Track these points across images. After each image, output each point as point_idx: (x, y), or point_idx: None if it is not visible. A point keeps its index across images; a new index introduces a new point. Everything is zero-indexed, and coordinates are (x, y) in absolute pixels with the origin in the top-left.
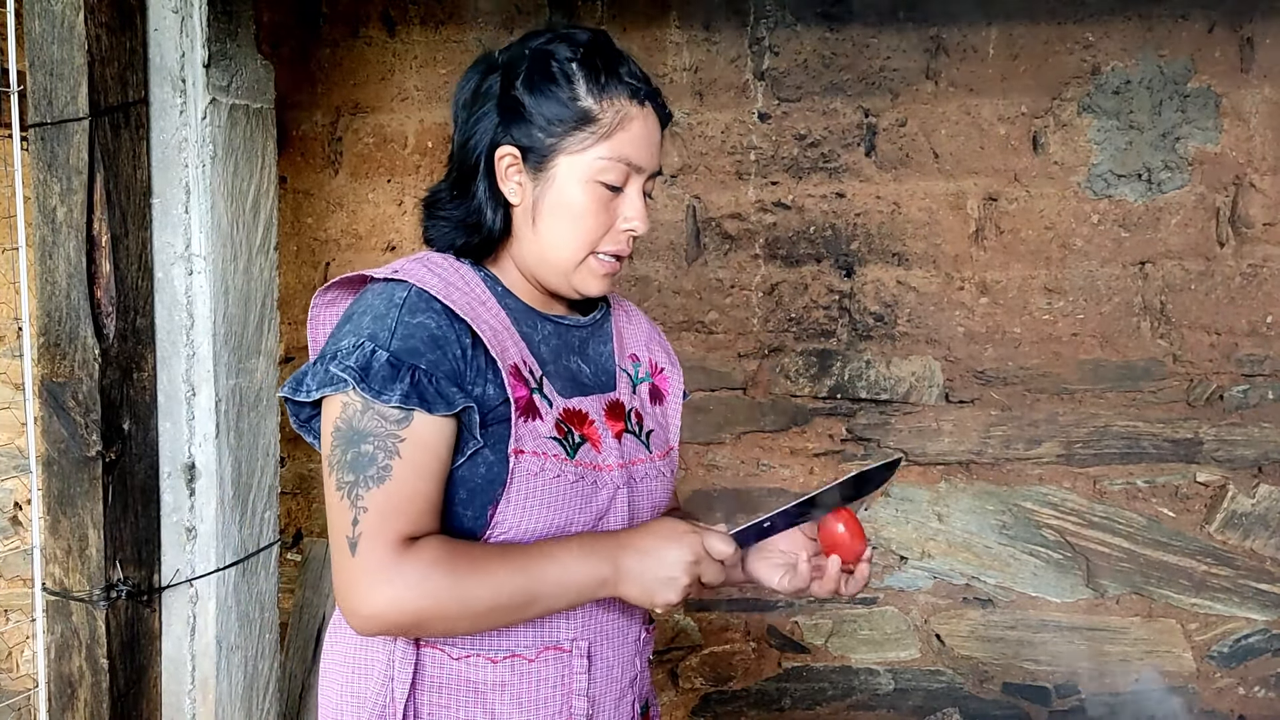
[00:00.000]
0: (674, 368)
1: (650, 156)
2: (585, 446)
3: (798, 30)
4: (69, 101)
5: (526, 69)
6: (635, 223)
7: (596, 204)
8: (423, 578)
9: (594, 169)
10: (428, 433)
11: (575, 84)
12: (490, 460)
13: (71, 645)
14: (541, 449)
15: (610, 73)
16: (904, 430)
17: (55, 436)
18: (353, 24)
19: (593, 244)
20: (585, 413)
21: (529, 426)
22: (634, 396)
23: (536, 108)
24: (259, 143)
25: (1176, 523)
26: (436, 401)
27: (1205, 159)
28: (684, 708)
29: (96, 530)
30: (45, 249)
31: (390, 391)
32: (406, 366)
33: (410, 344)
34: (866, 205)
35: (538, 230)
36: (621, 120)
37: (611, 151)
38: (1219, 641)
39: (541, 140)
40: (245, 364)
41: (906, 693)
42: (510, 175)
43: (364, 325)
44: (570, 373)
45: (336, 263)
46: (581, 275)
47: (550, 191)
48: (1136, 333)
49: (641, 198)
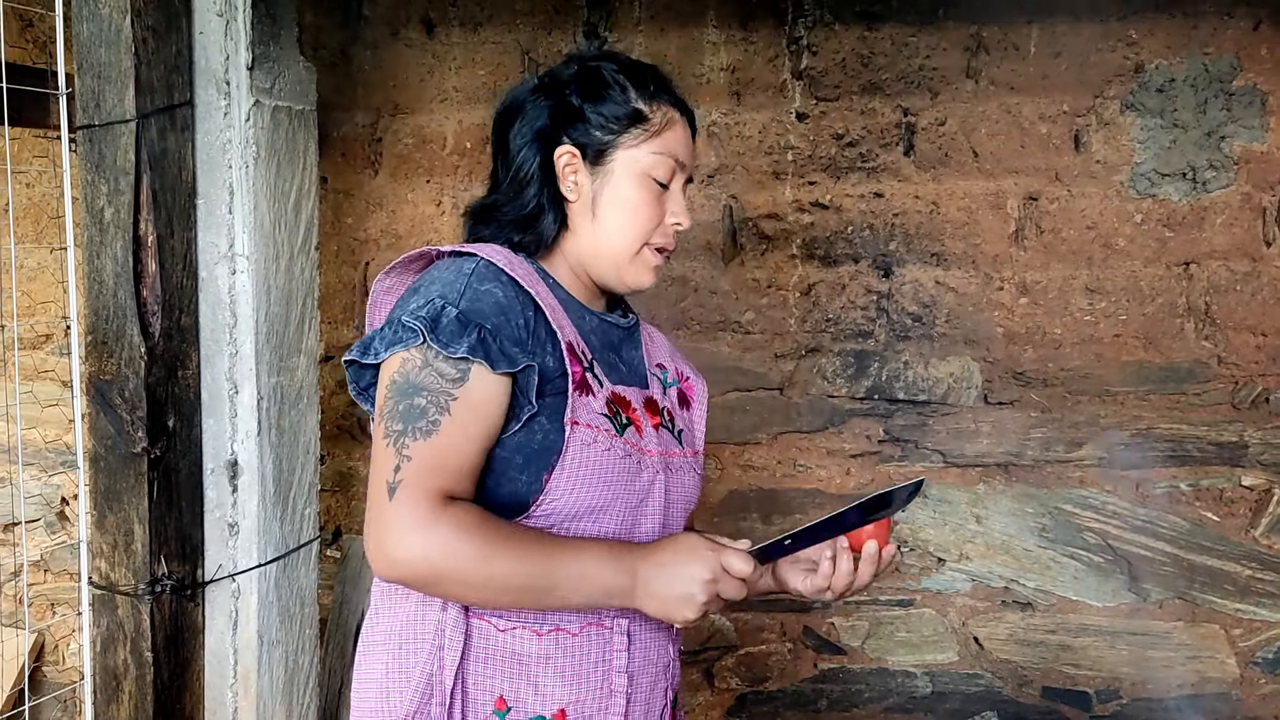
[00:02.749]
0: (698, 379)
1: (689, 157)
2: (631, 428)
3: (836, 29)
4: (116, 104)
5: (579, 81)
6: (681, 217)
7: (650, 198)
8: (454, 536)
9: (647, 163)
10: (482, 393)
11: (628, 90)
12: (547, 428)
13: (116, 639)
14: (595, 422)
15: (656, 83)
16: (942, 431)
17: (102, 433)
18: (393, 26)
19: (647, 235)
20: (629, 399)
21: (583, 400)
22: (665, 396)
23: (594, 110)
24: (301, 144)
25: (1221, 527)
26: (499, 359)
27: (1251, 158)
28: (719, 708)
29: (141, 525)
30: (93, 249)
31: (457, 344)
32: (474, 324)
33: (478, 305)
34: (905, 205)
35: (597, 222)
36: (668, 122)
37: (662, 147)
38: (1263, 647)
39: (599, 138)
40: (286, 362)
41: (944, 696)
42: (568, 173)
43: (434, 290)
44: (612, 364)
45: (376, 262)
46: (635, 267)
47: (609, 185)
48: (1180, 334)
49: (684, 196)
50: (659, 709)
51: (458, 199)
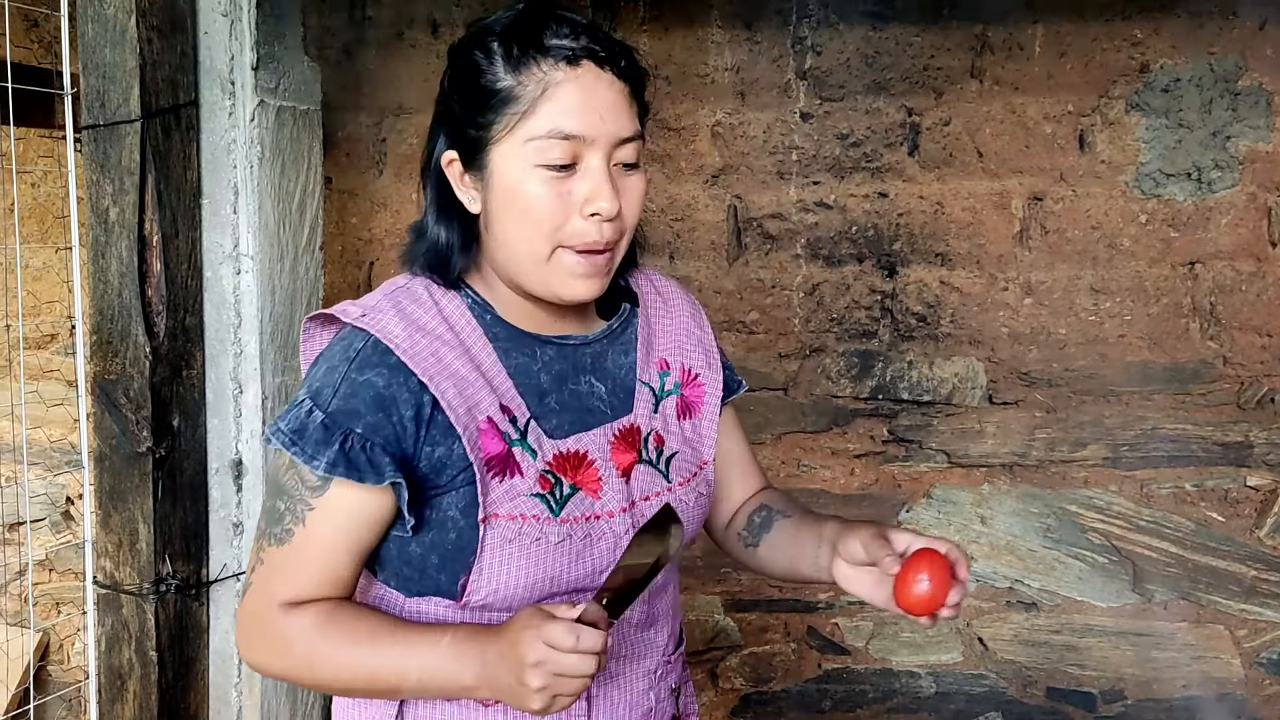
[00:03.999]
0: (711, 370)
1: (598, 121)
2: (578, 496)
3: (840, 29)
4: (121, 104)
5: (451, 66)
6: (599, 203)
7: (544, 189)
8: (286, 649)
9: (528, 151)
10: (344, 504)
11: (493, 64)
12: (460, 525)
13: (121, 638)
14: (520, 509)
15: (529, 42)
16: (946, 432)
17: (107, 433)
18: (397, 26)
19: (552, 235)
20: (584, 453)
21: (505, 486)
22: (655, 416)
23: (460, 102)
24: (305, 144)
25: (1226, 527)
26: (366, 470)
27: (1256, 157)
28: (723, 708)
29: (146, 525)
30: (98, 249)
31: (319, 457)
32: (340, 430)
33: (350, 404)
34: (909, 205)
35: (495, 235)
36: (545, 89)
37: (540, 127)
38: (1268, 648)
39: (473, 136)
40: (290, 362)
41: (948, 696)
42: (461, 182)
43: (317, 376)
44: (577, 400)
45: (380, 262)
46: (558, 276)
47: (494, 189)
48: (1186, 334)
49: (604, 172)
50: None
51: None
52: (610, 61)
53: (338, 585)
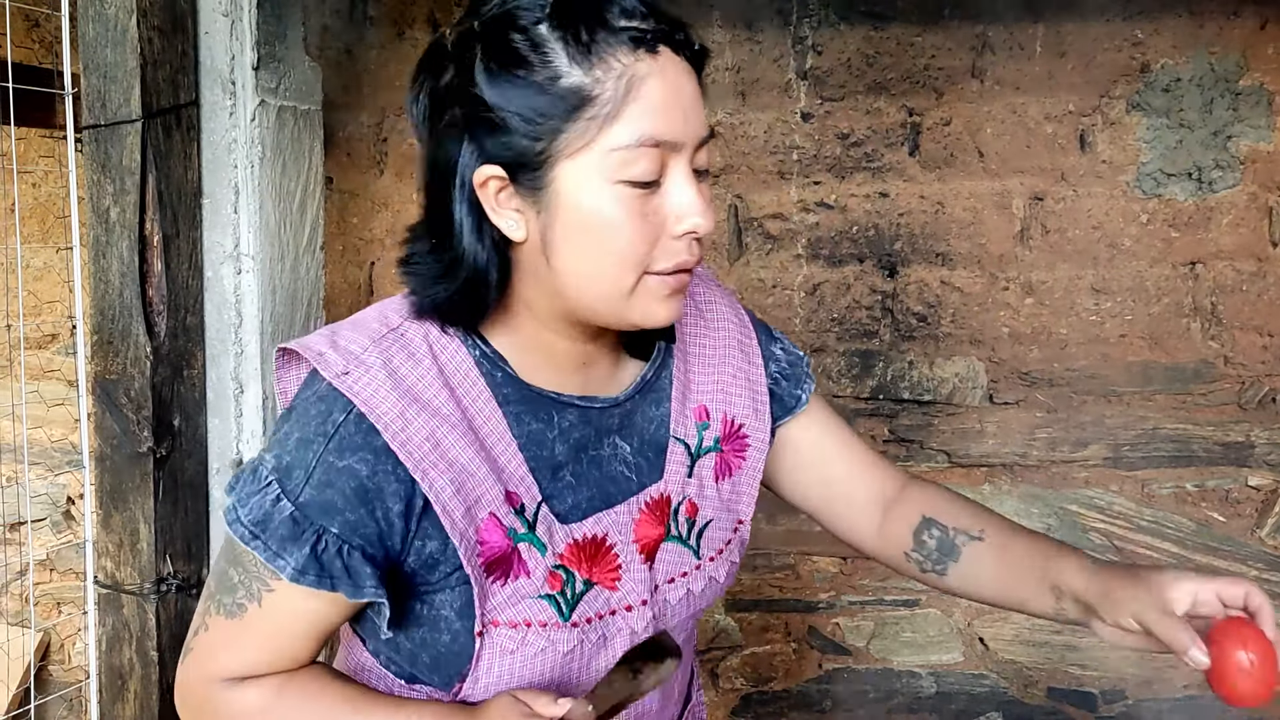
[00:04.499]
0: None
1: (685, 122)
2: (592, 593)
3: (841, 29)
4: (122, 104)
5: (482, 51)
6: (693, 219)
7: (629, 211)
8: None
9: (611, 165)
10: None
11: (551, 55)
12: (456, 628)
13: (122, 637)
14: (525, 615)
15: (596, 22)
16: (947, 431)
17: (108, 432)
18: (398, 26)
19: (640, 264)
20: (602, 538)
21: (509, 589)
22: (689, 481)
23: (507, 105)
24: (306, 143)
25: (1227, 527)
26: (341, 579)
27: (1257, 157)
28: (724, 708)
29: (147, 525)
30: (99, 248)
31: (286, 556)
32: (313, 528)
33: (325, 495)
34: (910, 205)
35: (556, 269)
36: (630, 85)
37: (628, 135)
38: None
39: (527, 148)
40: None
41: (949, 696)
42: (504, 204)
43: (288, 447)
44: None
45: (381, 262)
46: (640, 304)
47: (560, 214)
48: (1186, 334)
49: (693, 183)
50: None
51: None
52: (685, 45)
53: (292, 664)
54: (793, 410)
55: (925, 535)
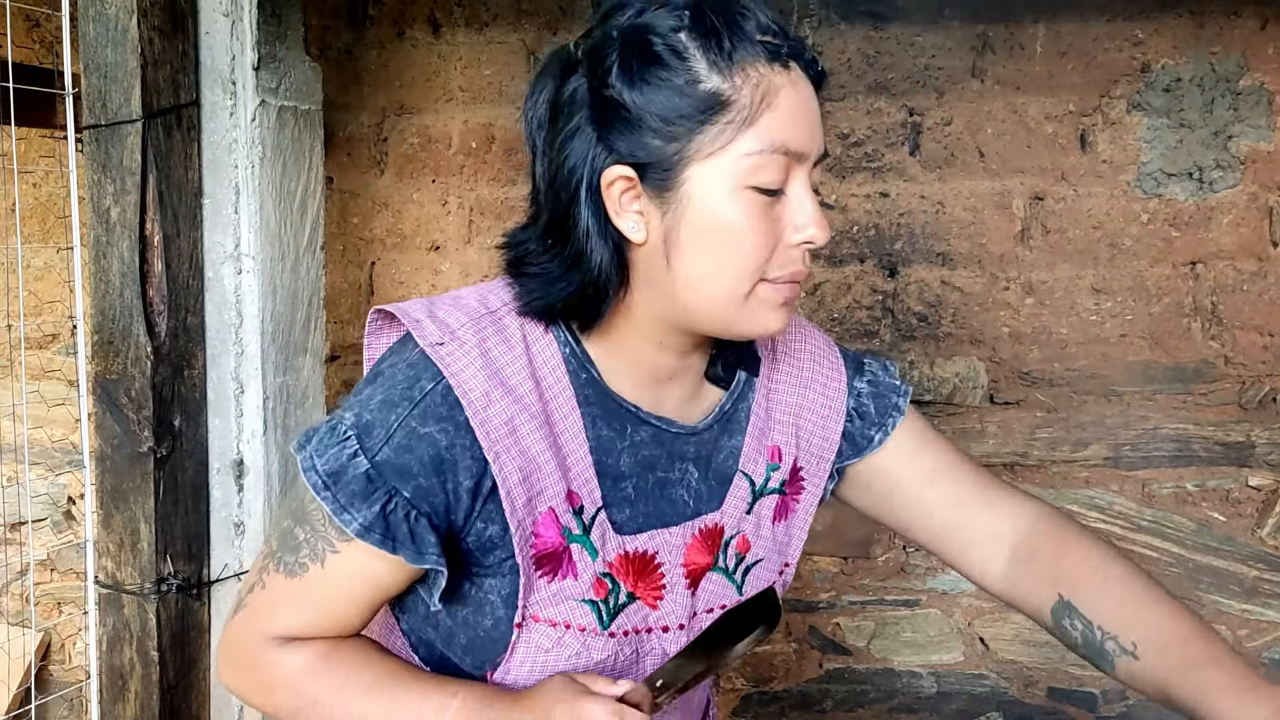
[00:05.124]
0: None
1: (810, 135)
2: (633, 606)
3: (841, 29)
4: (122, 104)
5: (620, 56)
6: (811, 230)
7: (755, 217)
8: (270, 687)
9: (742, 170)
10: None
11: (691, 60)
12: (499, 615)
13: (123, 638)
14: (565, 617)
15: (736, 33)
16: (947, 431)
17: (108, 432)
18: (399, 26)
19: (759, 270)
20: (652, 555)
21: (554, 587)
22: (747, 518)
23: (645, 106)
24: (306, 143)
25: (1227, 527)
26: (405, 544)
27: (1258, 157)
28: (724, 708)
29: (148, 525)
30: (99, 248)
31: (353, 512)
32: (385, 488)
33: (402, 459)
34: (910, 205)
35: (676, 270)
36: (765, 95)
37: (760, 141)
38: (1270, 648)
39: (660, 149)
40: (292, 362)
41: (949, 696)
42: (627, 205)
43: (370, 406)
44: (660, 490)
45: (382, 262)
46: (751, 312)
47: (687, 214)
48: (1187, 334)
49: (812, 196)
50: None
51: (463, 199)
52: (812, 65)
53: (343, 631)
54: (863, 452)
55: (1068, 623)
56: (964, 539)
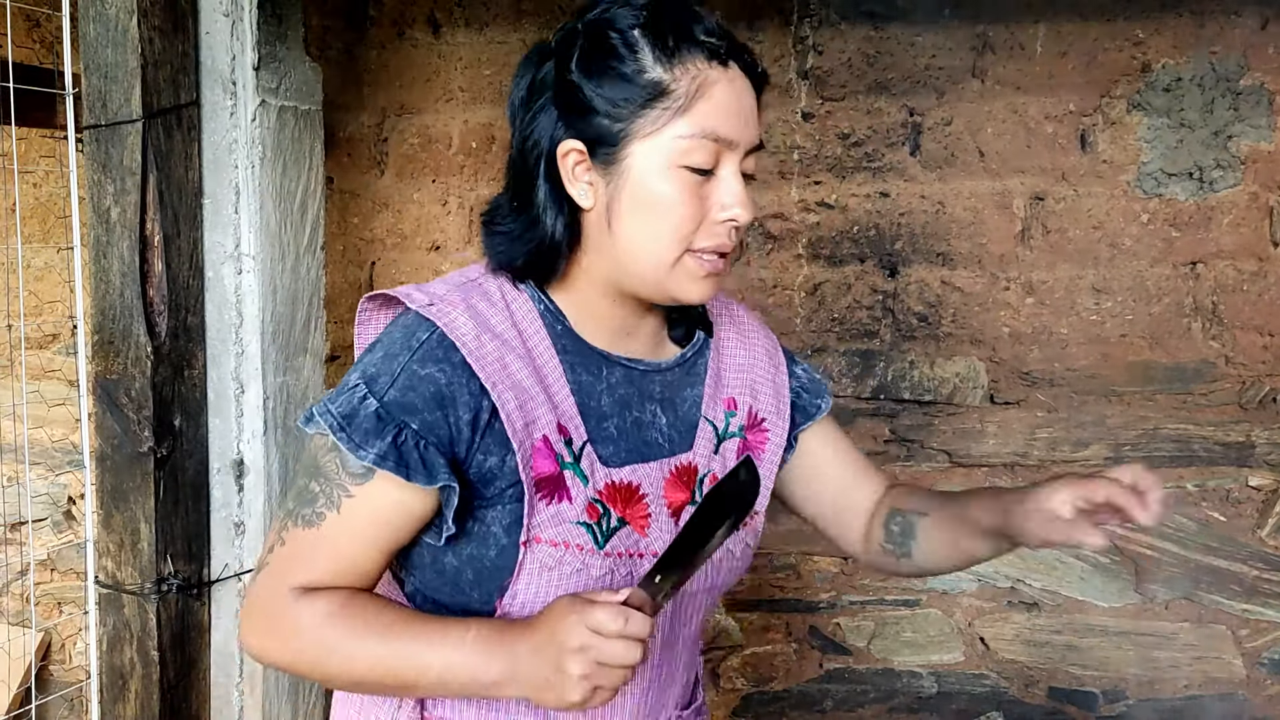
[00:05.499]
0: (779, 418)
1: (741, 126)
2: (624, 531)
3: (842, 29)
4: (122, 104)
5: (581, 47)
6: (735, 210)
7: (684, 192)
8: (293, 635)
9: (675, 151)
10: (385, 499)
11: (639, 53)
12: (503, 543)
13: (123, 637)
14: (564, 537)
15: (681, 33)
16: (947, 431)
17: (108, 432)
18: (399, 26)
19: (685, 240)
20: (636, 486)
21: (552, 510)
22: (714, 457)
23: (597, 90)
24: (307, 144)
25: (1227, 527)
26: (417, 469)
27: (1258, 157)
28: (724, 708)
29: (148, 524)
30: (99, 248)
31: (368, 447)
32: (394, 423)
33: (408, 398)
34: (911, 205)
35: (615, 234)
36: (700, 87)
37: (692, 126)
38: (1270, 648)
39: (608, 127)
40: (292, 362)
41: (950, 696)
42: (579, 175)
43: (373, 361)
44: (638, 428)
45: (382, 262)
46: (678, 279)
47: (627, 186)
48: (1187, 334)
49: (739, 179)
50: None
51: (463, 199)
52: (751, 66)
53: (360, 579)
54: (814, 416)
55: (892, 524)
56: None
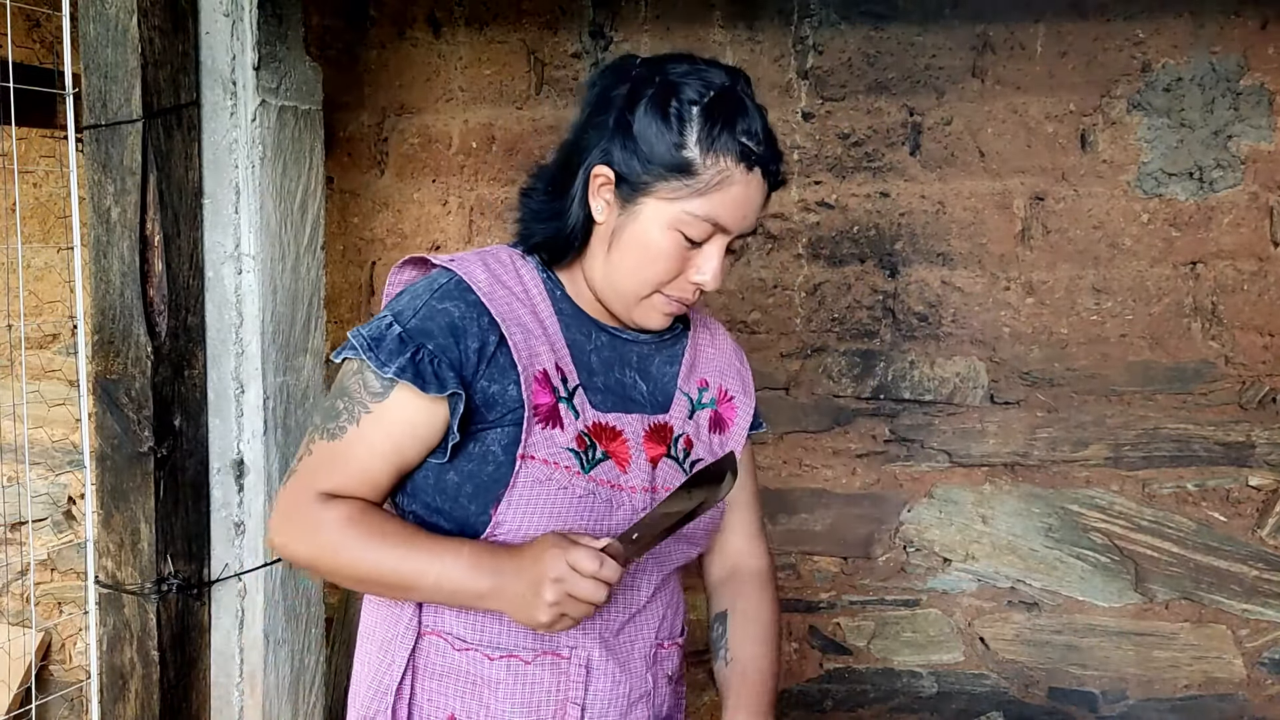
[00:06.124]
0: (746, 396)
1: (741, 220)
2: (607, 464)
3: (842, 29)
4: (123, 104)
5: (650, 96)
6: (705, 278)
7: (672, 250)
8: (314, 534)
9: (679, 219)
10: (401, 412)
11: (687, 130)
12: (500, 460)
13: (123, 637)
14: (554, 458)
15: (727, 127)
16: (948, 431)
17: (109, 432)
18: (399, 25)
19: (658, 285)
20: (619, 430)
21: (546, 434)
22: (689, 422)
23: (641, 140)
24: (307, 143)
25: (1227, 527)
26: (430, 381)
27: (1258, 157)
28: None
29: (148, 524)
30: (100, 248)
31: (390, 363)
32: (414, 344)
33: (427, 325)
34: (911, 205)
35: (610, 258)
36: (721, 182)
37: (701, 210)
38: (1270, 648)
39: (638, 174)
40: (292, 362)
41: (950, 696)
42: (600, 193)
43: (401, 302)
44: (621, 387)
45: (382, 262)
46: (642, 310)
47: (631, 225)
48: (1187, 334)
49: (721, 257)
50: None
51: (463, 198)
52: (774, 174)
53: (374, 490)
54: (759, 427)
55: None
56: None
